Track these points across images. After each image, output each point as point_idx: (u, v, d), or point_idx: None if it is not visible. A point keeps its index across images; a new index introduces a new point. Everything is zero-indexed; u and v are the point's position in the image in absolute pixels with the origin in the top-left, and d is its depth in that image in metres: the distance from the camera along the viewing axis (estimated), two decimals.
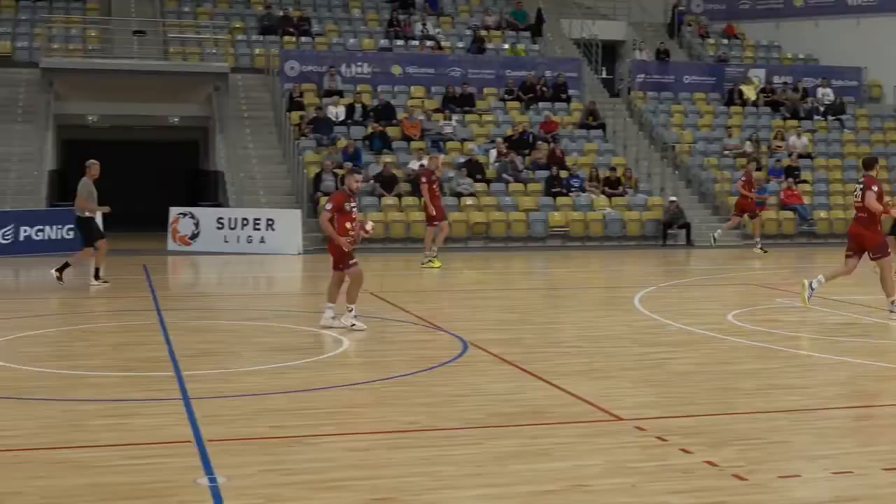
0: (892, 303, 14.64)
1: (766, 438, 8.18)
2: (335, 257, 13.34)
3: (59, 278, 17.79)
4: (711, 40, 37.98)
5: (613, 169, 29.43)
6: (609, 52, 37.62)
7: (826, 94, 35.14)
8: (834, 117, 34.43)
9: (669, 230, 28.17)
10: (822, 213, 29.75)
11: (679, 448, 7.80)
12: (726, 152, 31.72)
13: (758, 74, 35.64)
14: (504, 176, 28.78)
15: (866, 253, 14.89)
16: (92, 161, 18.16)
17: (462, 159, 28.83)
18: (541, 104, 32.44)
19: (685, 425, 8.52)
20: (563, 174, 29.00)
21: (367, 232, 13.56)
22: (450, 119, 30.50)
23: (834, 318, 14.78)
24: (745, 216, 26.69)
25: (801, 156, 31.74)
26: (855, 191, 15.28)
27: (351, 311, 13.09)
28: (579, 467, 7.30)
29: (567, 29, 36.97)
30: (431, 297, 17.88)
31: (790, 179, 30.24)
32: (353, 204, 13.32)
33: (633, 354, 11.96)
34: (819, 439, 8.28)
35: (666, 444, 7.92)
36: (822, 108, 34.64)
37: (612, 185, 28.99)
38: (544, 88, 32.77)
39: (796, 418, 8.93)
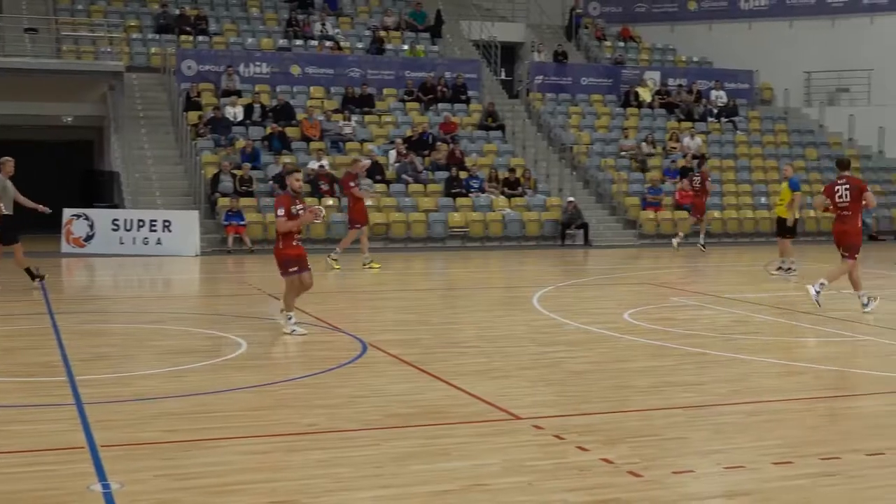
0: (861, 296, 15.46)
1: (660, 435, 8.32)
2: (277, 264, 13.14)
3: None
4: (608, 43, 38.50)
5: (512, 170, 29.65)
6: (508, 54, 37.92)
7: (719, 97, 35.88)
8: (727, 119, 35.17)
9: (568, 230, 28.48)
10: (716, 213, 30.34)
11: (575, 446, 7.89)
12: (623, 153, 32.18)
13: (653, 77, 36.25)
14: (404, 177, 28.80)
15: (839, 249, 15.47)
16: (6, 158, 17.79)
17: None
18: (440, 105, 32.55)
19: (582, 423, 8.62)
20: (463, 175, 29.13)
21: (318, 218, 13.27)
22: (349, 120, 30.41)
23: (726, 316, 15.06)
24: (697, 216, 26.56)
25: (695, 157, 32.32)
26: (838, 192, 15.38)
27: (290, 317, 13.02)
28: (477, 466, 7.34)
29: (466, 30, 37.14)
30: (331, 298, 17.80)
31: (685, 180, 30.76)
32: (299, 207, 13.04)
33: (531, 354, 12.06)
34: (712, 435, 8.44)
35: (563, 442, 8.01)
36: (715, 110, 35.36)
37: (511, 186, 29.20)
38: (444, 89, 32.88)
39: (690, 415, 9.10)
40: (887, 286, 18.86)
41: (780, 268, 20.81)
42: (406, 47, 34.56)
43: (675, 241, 26.20)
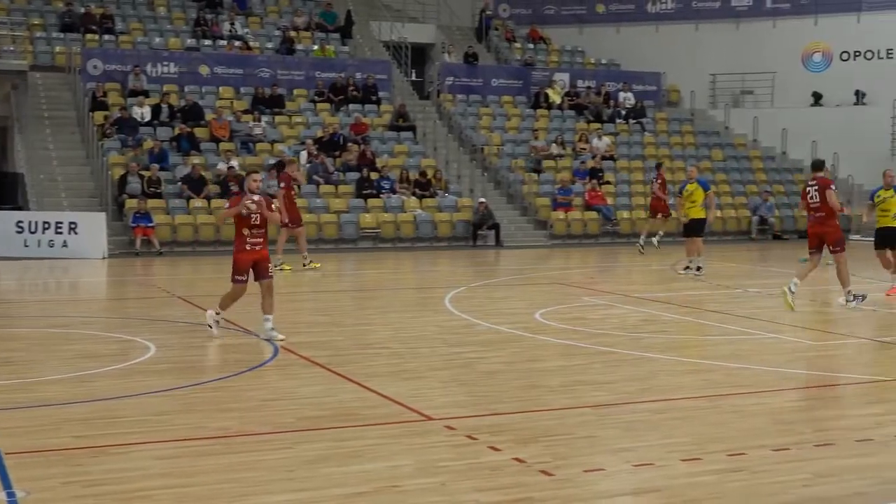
0: (848, 293, 15.80)
1: (572, 434, 8.41)
2: (232, 268, 12.97)
3: None
4: (518, 44, 38.75)
5: (423, 171, 29.70)
6: (419, 55, 37.98)
7: (627, 98, 36.35)
8: (635, 120, 35.64)
9: (479, 231, 28.60)
10: (625, 214, 30.72)
11: (488, 446, 7.93)
12: (533, 154, 32.41)
13: (562, 78, 36.58)
14: (314, 178, 28.68)
15: (826, 247, 15.84)
16: None
17: (272, 161, 28.56)
18: (351, 106, 32.48)
19: (494, 423, 8.67)
20: (374, 176, 29.10)
21: (247, 210, 12.94)
22: (259, 120, 30.20)
23: (635, 316, 15.25)
24: (659, 216, 26.52)
25: (604, 158, 32.71)
26: (809, 193, 15.84)
27: (218, 315, 13.03)
28: (390, 468, 7.35)
29: (376, 31, 37.11)
30: (241, 301, 17.61)
31: (594, 181, 31.11)
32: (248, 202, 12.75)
33: (443, 354, 12.10)
34: (622, 433, 8.54)
35: (475, 442, 8.04)
36: (623, 112, 35.80)
37: (422, 187, 29.25)
38: (354, 90, 32.80)
39: (601, 413, 9.20)
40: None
41: (687, 267, 21.11)
42: (316, 47, 34.41)
43: (654, 240, 26.14)
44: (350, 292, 20.03)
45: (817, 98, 36.74)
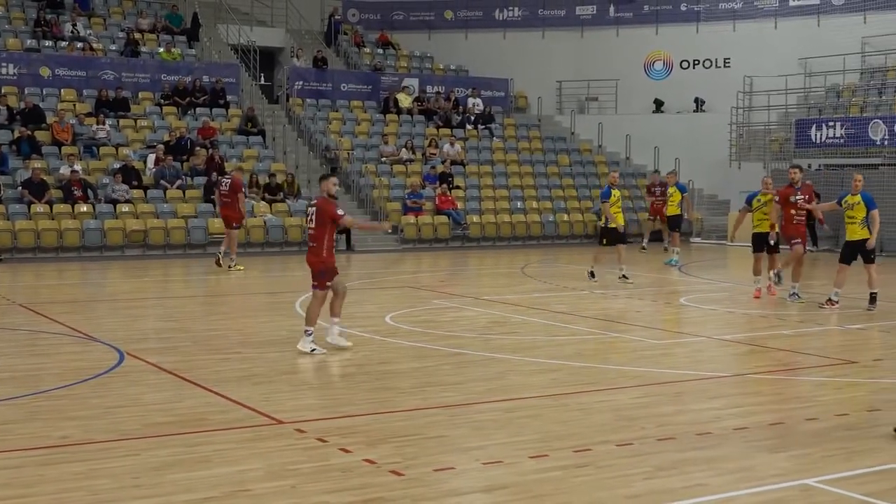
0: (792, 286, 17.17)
1: (422, 434, 8.48)
2: (322, 273, 12.46)
3: None
4: (367, 49, 38.76)
5: (273, 175, 29.45)
6: (268, 59, 37.65)
7: (476, 104, 36.72)
8: (484, 126, 36.02)
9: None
10: (475, 218, 31.03)
11: (338, 448, 7.94)
12: (383, 159, 32.48)
13: (411, 83, 36.74)
14: (162, 182, 28.16)
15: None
16: None
17: (117, 165, 27.97)
18: (199, 110, 32.00)
19: (344, 425, 8.68)
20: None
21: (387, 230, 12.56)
22: (103, 123, 29.50)
23: (485, 318, 15.44)
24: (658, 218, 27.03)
25: (454, 163, 32.97)
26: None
27: (310, 333, 12.30)
28: (240, 472, 7.29)
29: (224, 34, 36.63)
30: (86, 308, 17.25)
31: (444, 185, 31.32)
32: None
33: (294, 358, 12.02)
34: (472, 432, 8.65)
35: (326, 444, 8.04)
36: (472, 117, 36.16)
37: (272, 192, 28.99)
38: (201, 94, 32.34)
39: (451, 413, 9.31)
40: (623, 286, 19.76)
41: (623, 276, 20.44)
42: (162, 50, 33.78)
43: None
44: (199, 298, 19.73)
45: (659, 105, 37.76)
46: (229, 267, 22.75)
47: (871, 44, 34.27)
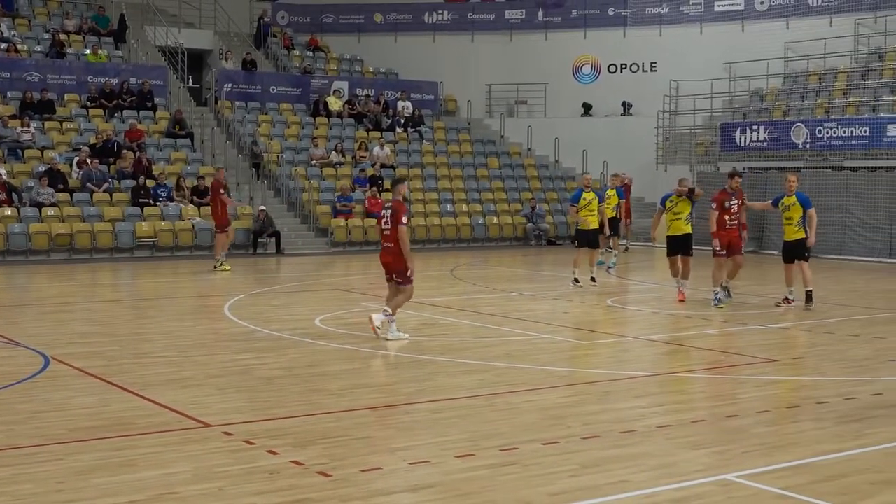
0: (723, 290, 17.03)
1: (350, 435, 8.51)
2: (401, 271, 13.30)
3: None
4: (297, 52, 38.65)
5: (201, 177, 29.24)
6: (197, 61, 37.38)
7: (406, 107, 36.77)
8: (413, 129, 36.10)
9: (259, 239, 28.38)
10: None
11: (266, 450, 7.95)
12: (313, 162, 32.41)
13: (341, 87, 36.71)
14: (88, 185, 27.84)
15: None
16: None
17: (42, 168, 27.60)
18: (126, 112, 31.70)
19: (272, 428, 8.69)
20: (150, 183, 28.47)
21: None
22: (28, 126, 29.11)
23: (415, 319, 15.47)
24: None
25: (383, 165, 33.00)
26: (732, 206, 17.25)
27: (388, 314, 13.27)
28: (167, 475, 7.27)
29: (152, 36, 36.30)
30: (10, 312, 17.00)
31: (374, 188, 31.32)
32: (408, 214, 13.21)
33: (222, 362, 11.99)
34: (399, 433, 8.71)
35: (253, 447, 8.05)
36: (402, 120, 36.21)
37: (200, 195, 28.79)
38: (128, 96, 32.02)
39: (379, 415, 9.36)
40: (551, 288, 19.94)
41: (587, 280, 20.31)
42: (88, 52, 33.39)
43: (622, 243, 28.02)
44: (126, 302, 19.54)
45: (587, 108, 38.15)
46: (214, 267, 23.22)
47: (794, 49, 34.92)
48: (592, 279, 20.17)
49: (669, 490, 7.12)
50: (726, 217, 17.27)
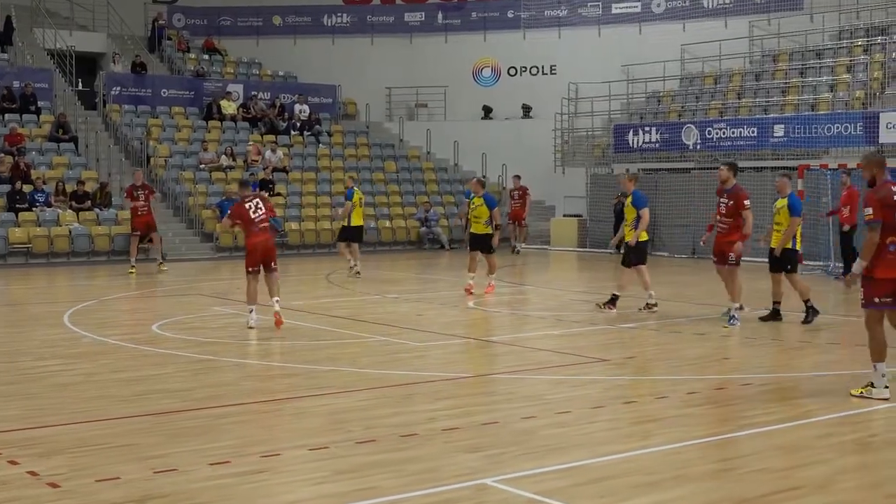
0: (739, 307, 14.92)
1: (111, 443, 8.07)
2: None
3: None
4: (192, 55, 37.90)
5: (82, 182, 28.46)
6: (90, 65, 36.50)
7: (303, 111, 36.21)
8: (310, 133, 35.55)
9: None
10: (294, 225, 30.51)
11: (7, 460, 7.52)
12: (202, 166, 31.75)
13: (236, 90, 36.05)
14: None
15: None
16: None
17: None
18: (7, 116, 30.82)
19: (33, 436, 8.29)
20: (28, 188, 27.64)
21: None
22: None
23: (263, 323, 14.94)
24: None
25: (276, 169, 32.43)
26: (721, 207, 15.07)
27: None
28: None
29: (41, 39, 35.39)
30: None
31: (265, 193, 30.72)
32: None
33: (23, 369, 11.44)
34: (167, 440, 8.23)
35: None
36: (298, 124, 35.65)
37: (79, 200, 27.99)
38: (10, 102, 31.14)
39: (157, 421, 8.88)
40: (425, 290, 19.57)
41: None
42: None
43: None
44: None
45: (487, 111, 37.86)
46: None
47: (690, 51, 34.91)
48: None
49: (419, 496, 6.75)
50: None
